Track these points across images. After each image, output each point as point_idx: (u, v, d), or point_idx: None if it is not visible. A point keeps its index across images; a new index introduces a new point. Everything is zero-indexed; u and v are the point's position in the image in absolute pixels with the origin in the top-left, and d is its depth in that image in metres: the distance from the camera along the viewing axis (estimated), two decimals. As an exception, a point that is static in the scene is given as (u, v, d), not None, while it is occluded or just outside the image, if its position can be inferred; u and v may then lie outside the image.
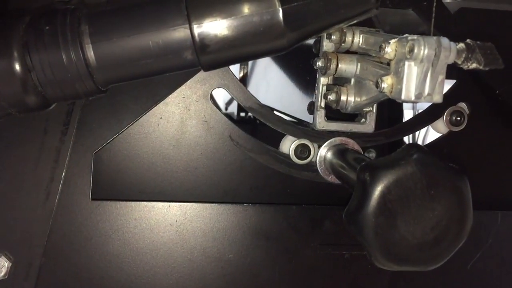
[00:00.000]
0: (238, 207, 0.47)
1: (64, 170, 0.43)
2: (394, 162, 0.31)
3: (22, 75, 0.31)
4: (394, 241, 0.30)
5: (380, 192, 0.30)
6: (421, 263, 0.31)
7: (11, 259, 0.43)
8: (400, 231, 0.30)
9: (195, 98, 0.46)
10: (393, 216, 0.30)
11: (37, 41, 0.31)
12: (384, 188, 0.30)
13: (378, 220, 0.30)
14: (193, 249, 0.47)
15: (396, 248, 0.30)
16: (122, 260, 0.45)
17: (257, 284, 0.48)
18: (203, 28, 0.32)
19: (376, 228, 0.30)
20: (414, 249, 0.30)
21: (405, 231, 0.30)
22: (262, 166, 0.47)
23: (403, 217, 0.30)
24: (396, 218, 0.30)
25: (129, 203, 0.45)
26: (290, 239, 0.48)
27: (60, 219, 0.44)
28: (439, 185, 0.30)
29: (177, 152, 0.46)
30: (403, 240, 0.30)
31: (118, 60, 0.33)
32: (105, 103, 0.44)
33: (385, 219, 0.30)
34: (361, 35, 0.42)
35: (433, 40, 0.31)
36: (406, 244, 0.30)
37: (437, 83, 0.32)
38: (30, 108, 0.34)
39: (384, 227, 0.30)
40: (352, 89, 0.44)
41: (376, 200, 0.30)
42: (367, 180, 0.31)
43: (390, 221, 0.30)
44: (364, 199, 0.30)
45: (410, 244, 0.30)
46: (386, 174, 0.30)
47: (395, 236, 0.30)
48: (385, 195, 0.30)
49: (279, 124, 0.47)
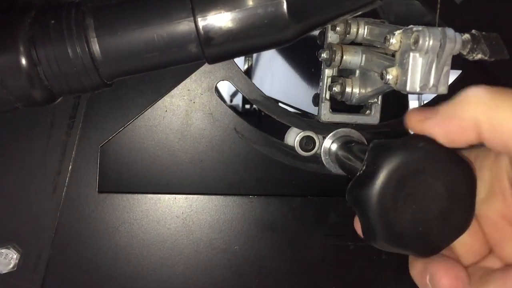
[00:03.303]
0: (244, 199, 0.47)
1: (71, 163, 0.44)
2: (407, 144, 0.30)
3: (28, 69, 0.32)
4: (397, 221, 0.30)
5: (389, 170, 0.30)
6: (420, 249, 0.31)
7: (20, 251, 0.43)
8: (405, 213, 0.30)
9: (200, 91, 0.46)
10: (400, 195, 0.30)
11: (43, 36, 0.31)
12: (394, 167, 0.30)
13: (384, 197, 0.30)
14: (199, 241, 0.47)
15: (398, 229, 0.30)
16: (129, 252, 0.46)
17: (263, 275, 0.48)
18: (208, 21, 0.32)
19: (381, 204, 0.30)
20: (416, 232, 0.30)
21: (409, 213, 0.30)
22: (267, 158, 0.48)
23: (409, 198, 0.30)
24: (402, 198, 0.30)
25: (136, 195, 0.46)
26: (295, 230, 0.48)
27: (68, 211, 0.44)
28: (446, 173, 0.30)
29: (183, 145, 0.47)
30: (406, 222, 0.30)
31: (123, 53, 0.33)
32: (110, 96, 0.44)
33: (391, 197, 0.30)
34: (366, 26, 0.42)
35: (438, 31, 0.31)
36: (409, 226, 0.30)
37: (442, 74, 0.32)
38: (36, 102, 0.34)
39: (389, 205, 0.30)
40: (357, 81, 0.43)
41: (384, 177, 0.30)
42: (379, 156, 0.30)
43: (395, 199, 0.30)
44: (372, 175, 0.30)
45: (413, 227, 0.30)
46: (399, 154, 0.30)
47: (399, 216, 0.30)
48: (394, 174, 0.30)
49: (284, 116, 0.47)
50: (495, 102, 0.27)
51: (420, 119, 0.30)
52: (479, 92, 0.28)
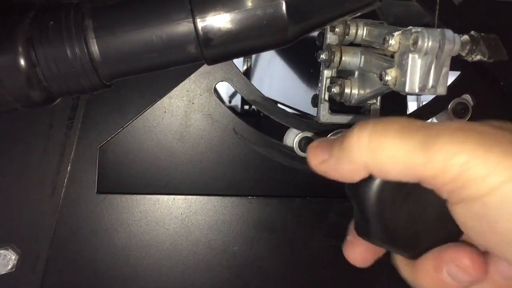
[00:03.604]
0: (243, 200, 0.47)
1: (69, 164, 0.44)
2: None
3: (27, 70, 0.32)
4: (393, 219, 0.30)
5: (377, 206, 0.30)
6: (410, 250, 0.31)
7: (18, 252, 0.43)
8: (402, 212, 0.30)
9: (199, 91, 0.46)
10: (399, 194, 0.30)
11: (42, 36, 0.31)
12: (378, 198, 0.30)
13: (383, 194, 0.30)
14: (198, 241, 0.47)
15: (393, 227, 0.30)
16: (128, 253, 0.46)
17: (262, 276, 0.48)
18: (207, 22, 0.32)
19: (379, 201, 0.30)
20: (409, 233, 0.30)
21: (406, 213, 0.30)
22: (266, 158, 0.48)
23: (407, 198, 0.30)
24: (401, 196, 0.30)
25: (135, 196, 0.46)
26: (294, 231, 0.48)
27: (66, 212, 0.44)
28: None
29: (182, 146, 0.47)
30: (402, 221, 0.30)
31: (122, 54, 0.33)
32: (109, 97, 0.44)
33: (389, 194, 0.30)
34: (364, 27, 0.42)
35: (437, 32, 0.31)
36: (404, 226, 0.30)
37: (441, 75, 0.32)
38: (35, 103, 0.34)
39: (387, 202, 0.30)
40: (356, 82, 0.43)
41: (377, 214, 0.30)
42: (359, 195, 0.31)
43: (394, 197, 0.30)
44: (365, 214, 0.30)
45: (408, 227, 0.30)
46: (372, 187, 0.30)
47: (396, 214, 0.30)
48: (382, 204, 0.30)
49: (283, 117, 0.47)
50: (375, 143, 0.27)
51: (318, 162, 0.31)
52: (361, 134, 0.28)
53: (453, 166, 0.25)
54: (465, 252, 0.29)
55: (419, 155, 0.26)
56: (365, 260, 0.33)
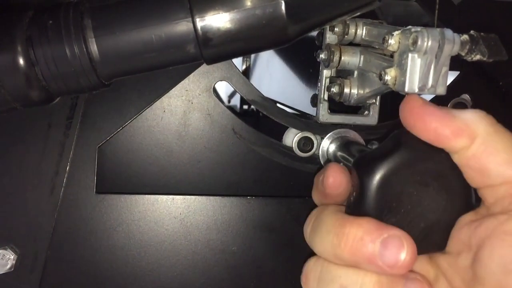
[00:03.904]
0: (242, 200, 0.47)
1: (68, 163, 0.43)
2: (387, 152, 0.30)
3: (26, 69, 0.32)
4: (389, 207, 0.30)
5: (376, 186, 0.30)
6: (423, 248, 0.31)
7: (17, 252, 0.43)
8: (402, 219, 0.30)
9: (198, 91, 0.46)
10: (393, 204, 0.30)
11: (41, 36, 0.31)
12: (380, 181, 0.30)
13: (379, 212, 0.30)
14: (197, 242, 0.47)
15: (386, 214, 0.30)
16: (127, 253, 0.46)
17: (261, 276, 0.48)
18: (206, 21, 0.32)
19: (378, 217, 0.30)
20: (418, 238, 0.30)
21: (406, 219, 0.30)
22: (265, 158, 0.48)
23: (402, 204, 0.30)
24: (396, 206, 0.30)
25: (134, 196, 0.46)
26: (293, 231, 0.48)
27: (65, 212, 0.44)
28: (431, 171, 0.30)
29: (181, 145, 0.47)
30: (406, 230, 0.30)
31: (121, 54, 0.33)
32: (108, 97, 0.44)
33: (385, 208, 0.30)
34: (364, 27, 0.42)
35: (436, 32, 0.31)
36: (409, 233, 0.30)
37: (440, 75, 0.32)
38: (34, 102, 0.34)
39: (386, 218, 0.30)
40: (355, 82, 0.43)
41: (374, 192, 0.30)
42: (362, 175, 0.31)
43: (391, 209, 0.30)
44: (362, 193, 0.30)
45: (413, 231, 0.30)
46: (379, 167, 0.30)
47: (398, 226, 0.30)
48: (382, 187, 0.30)
49: (282, 116, 0.47)
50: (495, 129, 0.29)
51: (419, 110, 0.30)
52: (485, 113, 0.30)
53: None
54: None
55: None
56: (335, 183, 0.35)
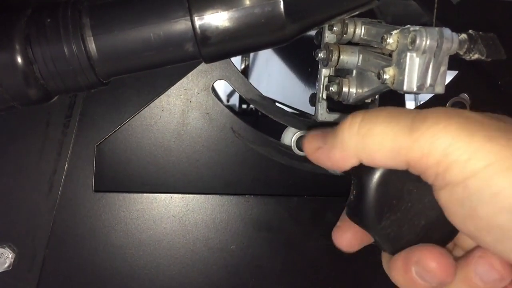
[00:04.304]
0: (240, 199, 0.47)
1: (66, 162, 0.43)
2: None
3: (24, 68, 0.31)
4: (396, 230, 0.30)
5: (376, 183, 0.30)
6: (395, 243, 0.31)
7: (15, 251, 0.43)
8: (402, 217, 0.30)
9: (197, 90, 0.46)
10: (393, 202, 0.30)
11: (39, 34, 0.31)
12: (380, 178, 0.30)
13: (379, 210, 0.30)
14: (196, 240, 0.47)
15: (398, 237, 0.30)
16: (125, 251, 0.46)
17: (259, 275, 0.48)
18: (204, 20, 0.32)
19: (378, 218, 0.30)
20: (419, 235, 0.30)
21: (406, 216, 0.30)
22: (263, 157, 0.48)
23: (403, 202, 0.30)
24: (396, 203, 0.30)
25: (132, 194, 0.46)
26: (291, 230, 0.48)
27: (63, 211, 0.44)
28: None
29: (179, 144, 0.47)
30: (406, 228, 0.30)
31: (120, 52, 0.33)
32: (107, 95, 0.44)
33: (385, 206, 0.30)
34: (363, 26, 0.42)
35: (435, 31, 0.31)
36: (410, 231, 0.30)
37: (439, 74, 0.32)
38: (32, 101, 0.34)
39: (386, 216, 0.30)
40: (354, 81, 0.43)
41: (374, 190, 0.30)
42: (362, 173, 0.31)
43: (391, 207, 0.30)
44: (362, 191, 0.30)
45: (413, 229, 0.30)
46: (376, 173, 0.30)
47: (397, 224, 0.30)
48: (382, 184, 0.30)
49: (281, 115, 0.47)
50: (364, 130, 0.28)
51: (312, 149, 0.32)
52: (353, 122, 0.29)
53: (437, 149, 0.25)
54: (432, 254, 0.29)
55: (405, 138, 0.26)
56: (351, 245, 0.35)
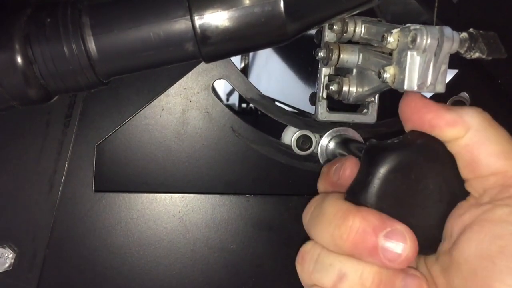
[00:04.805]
0: (240, 198, 0.47)
1: (67, 162, 0.43)
2: (400, 145, 0.31)
3: (24, 67, 0.31)
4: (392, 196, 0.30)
5: (384, 173, 0.30)
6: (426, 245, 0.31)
7: (16, 251, 0.43)
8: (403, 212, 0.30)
9: (197, 89, 0.46)
10: (397, 197, 0.30)
11: (39, 34, 0.31)
12: (389, 169, 0.30)
13: (382, 200, 0.30)
14: (196, 240, 0.47)
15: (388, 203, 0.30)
16: (126, 251, 0.46)
17: (260, 274, 0.48)
18: (204, 19, 0.32)
19: (380, 209, 0.30)
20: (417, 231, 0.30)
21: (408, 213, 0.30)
22: (264, 157, 0.48)
23: (407, 198, 0.30)
24: (400, 199, 0.30)
25: (132, 194, 0.45)
26: (292, 229, 0.48)
27: (64, 211, 0.44)
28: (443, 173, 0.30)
29: (179, 144, 0.46)
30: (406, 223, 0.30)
31: (120, 52, 0.33)
32: (106, 95, 0.44)
33: (388, 200, 0.30)
34: (363, 25, 0.42)
35: (435, 29, 0.31)
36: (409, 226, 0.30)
37: (439, 73, 0.32)
38: (32, 101, 0.34)
39: (388, 207, 0.30)
40: (354, 80, 0.43)
41: (380, 180, 0.30)
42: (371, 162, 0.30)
43: (393, 202, 0.30)
44: (368, 179, 0.30)
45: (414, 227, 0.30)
46: (391, 156, 0.30)
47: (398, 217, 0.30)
48: (390, 177, 0.30)
49: (281, 115, 0.47)
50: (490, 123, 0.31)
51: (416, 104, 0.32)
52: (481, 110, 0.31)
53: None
54: None
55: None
56: None
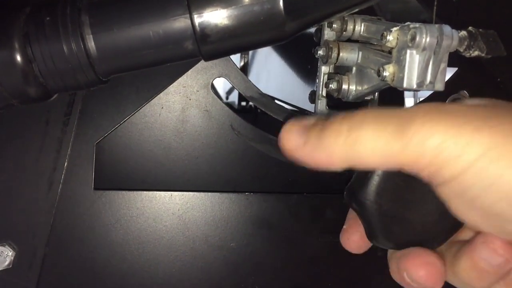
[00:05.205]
0: (240, 196, 0.47)
1: (66, 160, 0.43)
2: None
3: (23, 66, 0.31)
4: (396, 220, 0.30)
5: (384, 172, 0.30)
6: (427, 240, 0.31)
7: (15, 249, 0.43)
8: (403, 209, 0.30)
9: (196, 88, 0.46)
10: (396, 194, 0.30)
11: (38, 32, 0.31)
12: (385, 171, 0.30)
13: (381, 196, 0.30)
14: (196, 238, 0.47)
15: (398, 228, 0.30)
16: (125, 249, 0.46)
17: (259, 272, 0.48)
18: (204, 18, 0.32)
19: (379, 206, 0.30)
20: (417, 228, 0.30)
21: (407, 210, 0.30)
22: (263, 155, 0.48)
23: (405, 194, 0.30)
24: (398, 196, 0.30)
25: (132, 192, 0.46)
26: (291, 227, 0.48)
27: (63, 209, 0.44)
28: None
29: (179, 142, 0.47)
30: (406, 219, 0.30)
31: (119, 50, 0.32)
32: (106, 93, 0.44)
33: (388, 197, 0.30)
34: (362, 23, 0.42)
35: (435, 28, 0.31)
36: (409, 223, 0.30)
37: (439, 71, 0.32)
38: (31, 99, 0.34)
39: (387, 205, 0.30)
40: (354, 78, 0.43)
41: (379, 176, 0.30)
42: None
43: (392, 198, 0.30)
44: (367, 176, 0.30)
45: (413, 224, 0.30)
46: None
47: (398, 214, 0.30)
48: (388, 172, 0.30)
49: (280, 113, 0.47)
50: (353, 137, 0.27)
51: (292, 147, 0.30)
52: (340, 129, 0.27)
53: (429, 149, 0.25)
54: (420, 262, 0.29)
55: (395, 142, 0.26)
56: (359, 247, 0.35)
